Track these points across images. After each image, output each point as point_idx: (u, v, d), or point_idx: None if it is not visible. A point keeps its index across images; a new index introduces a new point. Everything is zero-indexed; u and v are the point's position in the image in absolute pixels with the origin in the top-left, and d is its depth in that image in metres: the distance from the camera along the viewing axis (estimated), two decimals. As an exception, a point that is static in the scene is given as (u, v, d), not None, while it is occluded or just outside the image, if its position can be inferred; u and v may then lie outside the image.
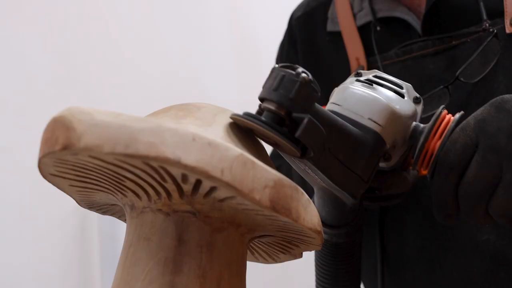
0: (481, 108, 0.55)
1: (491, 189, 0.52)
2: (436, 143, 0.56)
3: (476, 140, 0.53)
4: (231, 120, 0.49)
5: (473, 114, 0.55)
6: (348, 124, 0.53)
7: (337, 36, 0.86)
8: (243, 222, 0.47)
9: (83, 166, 0.43)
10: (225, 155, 0.41)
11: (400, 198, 0.67)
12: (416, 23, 0.79)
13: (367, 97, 0.56)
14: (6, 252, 1.31)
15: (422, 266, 0.76)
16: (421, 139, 0.56)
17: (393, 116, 0.55)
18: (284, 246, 0.54)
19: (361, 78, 0.59)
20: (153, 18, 1.70)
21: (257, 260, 0.60)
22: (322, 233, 0.49)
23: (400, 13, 0.80)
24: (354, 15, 0.84)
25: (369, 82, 0.58)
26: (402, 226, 0.78)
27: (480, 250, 0.71)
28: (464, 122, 0.55)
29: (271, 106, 0.47)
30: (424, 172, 0.58)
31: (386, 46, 0.80)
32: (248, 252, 0.57)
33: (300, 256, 0.56)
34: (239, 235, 0.47)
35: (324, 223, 0.63)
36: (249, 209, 0.45)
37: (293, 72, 0.47)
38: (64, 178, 0.47)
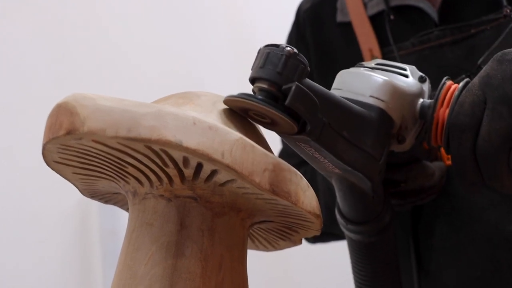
0: (484, 67, 0.54)
1: (509, 141, 0.50)
2: (445, 111, 0.54)
3: (483, 97, 0.51)
4: (230, 108, 0.50)
5: (477, 75, 0.54)
6: (349, 102, 0.52)
7: (348, 27, 0.84)
8: (244, 207, 0.48)
9: (87, 152, 0.44)
10: (225, 138, 0.42)
11: (431, 193, 0.65)
12: (432, 11, 0.77)
13: (367, 75, 0.55)
14: (7, 250, 1.31)
15: (448, 255, 0.74)
16: (430, 112, 0.55)
17: (396, 91, 0.55)
18: (284, 232, 0.55)
19: (363, 65, 0.59)
20: (151, 17, 1.71)
21: (257, 248, 0.60)
22: (321, 217, 0.50)
23: (415, 1, 0.79)
24: (365, 5, 0.83)
25: (370, 68, 0.57)
26: (432, 218, 0.75)
27: (508, 240, 0.69)
28: (469, 83, 0.54)
29: (262, 84, 0.47)
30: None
31: (401, 35, 0.79)
32: (249, 240, 0.58)
33: (300, 242, 0.57)
34: (239, 219, 0.48)
35: (349, 220, 0.60)
36: (249, 193, 0.46)
37: (277, 48, 0.47)
38: (68, 165, 0.48)
